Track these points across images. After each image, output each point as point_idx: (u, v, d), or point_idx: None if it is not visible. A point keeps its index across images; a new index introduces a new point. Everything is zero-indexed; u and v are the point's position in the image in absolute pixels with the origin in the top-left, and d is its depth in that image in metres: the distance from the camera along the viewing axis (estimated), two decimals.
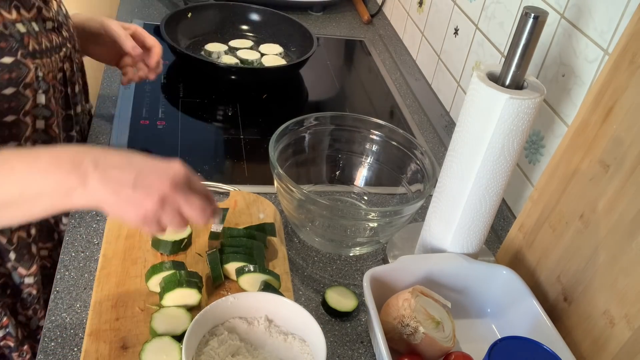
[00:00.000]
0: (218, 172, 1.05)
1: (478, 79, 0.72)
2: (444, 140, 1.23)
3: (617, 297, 0.69)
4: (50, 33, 0.84)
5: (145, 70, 1.04)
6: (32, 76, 0.79)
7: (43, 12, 0.82)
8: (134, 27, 1.04)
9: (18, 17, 0.77)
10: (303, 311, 0.72)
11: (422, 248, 0.88)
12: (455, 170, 0.78)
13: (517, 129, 0.72)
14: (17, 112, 0.79)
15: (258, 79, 1.32)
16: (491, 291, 0.82)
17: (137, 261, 0.82)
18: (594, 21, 0.83)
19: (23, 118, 0.81)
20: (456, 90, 1.28)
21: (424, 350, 0.72)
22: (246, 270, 0.78)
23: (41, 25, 0.82)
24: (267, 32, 1.48)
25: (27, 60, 0.78)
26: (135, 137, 1.09)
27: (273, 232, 0.87)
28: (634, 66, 0.68)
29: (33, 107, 0.82)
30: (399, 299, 0.74)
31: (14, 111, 0.79)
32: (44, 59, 0.81)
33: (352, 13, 1.79)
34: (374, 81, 1.45)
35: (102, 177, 0.60)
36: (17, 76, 0.77)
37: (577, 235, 0.76)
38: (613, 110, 0.71)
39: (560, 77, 0.90)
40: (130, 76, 1.03)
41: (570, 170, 0.77)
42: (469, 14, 1.22)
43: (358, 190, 1.02)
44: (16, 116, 0.79)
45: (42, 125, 0.85)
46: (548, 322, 0.75)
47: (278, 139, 0.90)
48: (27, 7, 0.79)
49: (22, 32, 0.77)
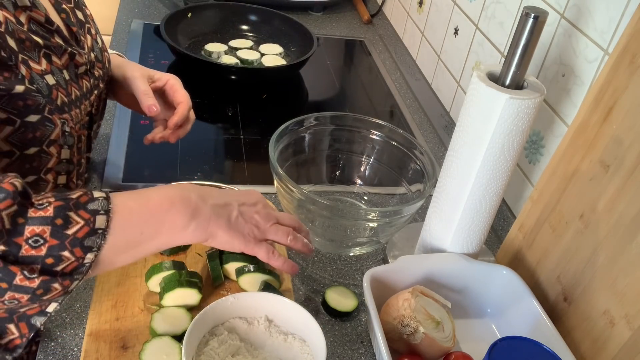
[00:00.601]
0: (218, 172, 1.05)
1: (478, 79, 0.72)
2: (444, 140, 1.23)
3: (617, 297, 0.69)
4: (81, 78, 0.75)
5: (167, 133, 0.89)
6: (58, 133, 0.70)
7: (76, 58, 0.72)
8: (166, 79, 0.91)
9: (48, 67, 0.68)
10: (303, 311, 0.71)
11: (422, 248, 0.88)
12: (455, 170, 0.78)
13: (517, 129, 0.72)
14: (37, 171, 0.70)
15: (258, 79, 1.32)
16: (491, 291, 0.82)
17: (137, 261, 0.82)
18: (594, 21, 0.83)
19: (44, 176, 0.72)
20: (456, 90, 1.28)
21: (424, 350, 0.72)
22: (246, 270, 0.78)
23: (72, 72, 0.72)
24: (267, 32, 1.48)
25: (54, 117, 0.68)
26: (135, 137, 1.09)
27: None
28: (634, 66, 0.68)
29: (57, 164, 0.72)
30: (399, 299, 0.74)
31: (35, 171, 0.70)
32: (72, 111, 0.72)
33: (352, 13, 1.79)
34: (374, 81, 1.45)
35: (212, 210, 0.66)
36: (42, 135, 0.68)
37: (577, 236, 0.76)
38: (613, 110, 0.71)
39: (560, 77, 0.90)
40: (152, 135, 0.89)
41: (570, 170, 0.77)
42: (469, 14, 1.22)
43: (358, 190, 1.02)
44: (36, 176, 0.70)
45: (63, 180, 0.76)
46: (548, 322, 0.75)
47: (278, 139, 0.90)
48: (58, 53, 0.69)
49: (51, 84, 0.68)
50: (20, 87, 0.63)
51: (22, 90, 0.63)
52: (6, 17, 0.62)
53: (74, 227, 0.56)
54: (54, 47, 0.69)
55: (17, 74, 0.63)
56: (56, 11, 0.73)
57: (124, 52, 1.34)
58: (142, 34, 1.44)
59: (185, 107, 0.89)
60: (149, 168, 1.03)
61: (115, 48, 1.36)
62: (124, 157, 1.03)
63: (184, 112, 0.89)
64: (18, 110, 0.64)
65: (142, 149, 1.06)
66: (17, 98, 0.63)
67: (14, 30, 0.63)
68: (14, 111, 0.64)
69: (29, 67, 0.65)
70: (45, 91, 0.67)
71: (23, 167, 0.68)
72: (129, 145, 1.06)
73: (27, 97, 0.64)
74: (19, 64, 0.63)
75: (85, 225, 0.56)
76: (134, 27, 1.46)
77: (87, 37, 0.78)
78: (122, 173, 0.99)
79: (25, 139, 0.66)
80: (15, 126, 0.64)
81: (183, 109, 0.88)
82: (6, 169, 0.66)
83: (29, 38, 0.65)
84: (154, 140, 0.89)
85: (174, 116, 0.88)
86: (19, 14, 0.65)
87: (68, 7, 0.76)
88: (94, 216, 0.57)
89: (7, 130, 0.64)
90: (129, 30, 1.45)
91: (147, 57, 1.35)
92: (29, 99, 0.64)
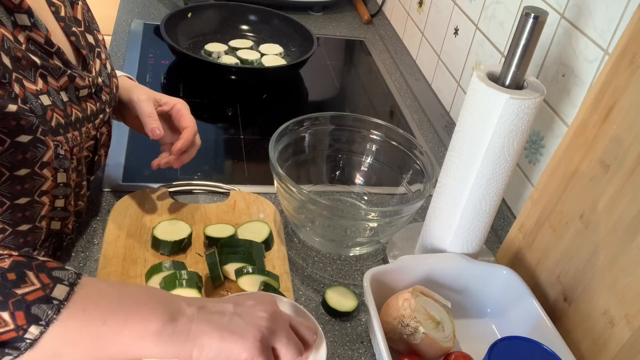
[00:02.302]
0: (218, 172, 1.05)
1: (478, 79, 0.72)
2: (444, 140, 1.23)
3: (617, 297, 0.69)
4: (84, 101, 0.73)
5: (172, 158, 0.87)
6: (51, 155, 0.67)
7: (76, 80, 0.70)
8: (172, 103, 0.89)
9: (44, 87, 0.65)
10: (303, 311, 0.71)
11: (422, 248, 0.88)
12: (455, 170, 0.78)
13: (517, 129, 0.72)
14: (30, 194, 0.67)
15: (258, 79, 1.32)
16: (491, 291, 0.82)
17: (137, 261, 0.82)
18: (594, 21, 0.83)
19: (38, 199, 0.69)
20: (456, 90, 1.28)
21: (424, 350, 0.72)
22: (245, 272, 0.78)
23: (73, 94, 0.70)
24: (267, 32, 1.48)
25: (47, 138, 0.65)
26: (136, 137, 1.09)
27: None
28: (634, 66, 0.68)
29: (52, 188, 0.70)
30: (399, 299, 0.74)
31: (27, 193, 0.67)
32: (69, 132, 0.69)
33: (352, 13, 1.79)
34: (374, 81, 1.45)
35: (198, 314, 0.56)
36: (32, 156, 0.65)
37: (577, 236, 0.76)
38: (613, 110, 0.71)
39: (560, 77, 0.90)
40: (158, 160, 0.88)
41: (570, 170, 0.77)
42: (469, 14, 1.22)
43: (358, 190, 1.02)
44: (30, 198, 0.68)
45: (61, 204, 0.74)
46: (548, 322, 0.75)
47: (278, 139, 0.90)
48: (55, 74, 0.67)
49: (46, 104, 0.65)
50: (12, 107, 0.60)
51: (14, 109, 0.61)
52: (3, 35, 0.60)
53: (27, 287, 0.48)
54: (52, 68, 0.67)
55: (11, 92, 0.60)
56: (65, 34, 0.73)
57: (124, 52, 1.34)
58: (142, 34, 1.44)
59: (191, 133, 0.87)
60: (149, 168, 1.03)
61: (115, 48, 1.36)
62: (124, 157, 1.03)
63: (189, 137, 0.87)
64: (9, 129, 0.61)
65: (142, 149, 1.06)
66: (9, 117, 0.61)
67: (10, 48, 0.61)
68: (5, 130, 0.61)
69: (22, 86, 0.62)
70: (39, 111, 0.64)
71: (14, 188, 0.65)
72: (129, 145, 1.06)
73: (20, 117, 0.61)
74: (12, 82, 0.61)
75: (40, 290, 0.48)
76: (134, 27, 1.46)
77: (96, 61, 0.77)
78: (122, 173, 0.99)
79: (15, 160, 0.63)
80: (4, 146, 0.61)
81: (188, 134, 0.87)
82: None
83: (26, 57, 0.63)
84: (159, 165, 0.88)
85: (178, 142, 0.86)
86: (17, 32, 0.63)
87: (78, 30, 0.75)
88: (55, 283, 0.49)
89: None
90: (129, 30, 1.45)
91: (147, 57, 1.35)
92: (22, 118, 0.62)
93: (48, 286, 0.48)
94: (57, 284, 0.49)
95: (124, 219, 0.88)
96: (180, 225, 0.86)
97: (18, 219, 0.68)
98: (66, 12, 0.74)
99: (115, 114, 0.91)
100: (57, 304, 0.48)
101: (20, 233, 0.69)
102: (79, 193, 0.78)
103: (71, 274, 0.51)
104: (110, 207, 0.91)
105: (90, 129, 0.75)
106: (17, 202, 0.66)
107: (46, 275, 0.49)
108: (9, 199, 0.65)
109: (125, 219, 0.88)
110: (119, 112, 0.90)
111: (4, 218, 0.66)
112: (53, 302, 0.48)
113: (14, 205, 0.66)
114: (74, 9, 0.77)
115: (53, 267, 0.50)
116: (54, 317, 0.48)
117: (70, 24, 0.74)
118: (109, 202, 0.93)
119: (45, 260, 0.51)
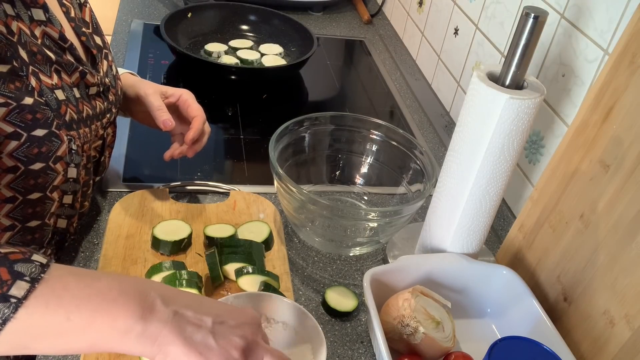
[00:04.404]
0: (218, 172, 1.05)
1: (478, 79, 0.72)
2: (444, 140, 1.23)
3: (617, 297, 0.69)
4: (94, 99, 0.74)
5: (185, 148, 0.89)
6: (65, 149, 0.68)
7: (87, 77, 0.72)
8: (178, 94, 0.91)
9: (59, 82, 0.67)
10: (303, 311, 0.72)
11: (422, 248, 0.88)
12: (455, 170, 0.78)
13: (517, 129, 0.72)
14: (43, 189, 0.68)
15: (258, 79, 1.32)
16: (491, 291, 0.82)
17: (137, 261, 0.82)
18: (594, 21, 0.83)
19: (50, 194, 0.69)
20: (456, 90, 1.28)
21: (424, 350, 0.72)
22: (245, 272, 0.78)
23: (83, 91, 0.72)
24: (267, 32, 1.48)
25: (62, 132, 0.66)
26: (136, 137, 1.09)
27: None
28: (634, 66, 0.68)
29: (63, 182, 0.71)
30: (399, 299, 0.74)
31: (40, 188, 0.67)
32: (81, 128, 0.71)
33: (352, 13, 1.79)
34: (374, 81, 1.45)
35: (172, 316, 0.53)
36: (48, 150, 0.65)
37: (577, 235, 0.76)
38: (613, 110, 0.71)
39: (560, 77, 0.90)
40: (171, 151, 0.90)
41: (570, 170, 0.77)
42: (469, 14, 1.22)
43: (358, 190, 1.02)
44: (42, 193, 0.68)
45: (69, 201, 0.74)
46: (548, 322, 0.75)
47: (278, 139, 0.90)
48: (68, 70, 0.69)
49: (61, 99, 0.67)
50: (29, 99, 0.62)
51: (31, 102, 0.62)
52: (20, 29, 0.62)
53: None
54: (65, 63, 0.68)
55: (28, 85, 0.62)
56: (76, 34, 0.74)
57: (124, 52, 1.34)
58: (142, 34, 1.44)
59: (200, 121, 0.88)
60: (149, 168, 1.03)
61: (115, 48, 1.36)
62: (124, 157, 1.03)
63: (199, 126, 0.88)
64: (26, 123, 0.62)
65: (142, 149, 1.06)
66: (26, 110, 0.62)
67: (26, 42, 0.63)
68: (22, 124, 0.62)
69: (39, 80, 0.63)
70: (54, 105, 0.65)
71: (28, 183, 0.65)
72: (129, 146, 1.06)
73: (36, 110, 0.63)
74: (29, 75, 0.62)
75: None
76: (134, 27, 1.46)
77: (103, 62, 0.79)
78: (122, 173, 1.00)
79: (31, 154, 0.64)
80: (20, 140, 0.62)
81: (198, 122, 0.88)
82: (11, 185, 0.64)
83: (41, 52, 0.65)
84: (173, 156, 0.89)
85: (190, 131, 0.87)
86: (34, 27, 0.65)
87: (87, 31, 0.77)
88: (15, 280, 0.48)
89: (13, 145, 0.62)
90: (129, 30, 1.45)
91: (147, 57, 1.35)
92: (38, 112, 0.63)
93: (6, 283, 0.47)
94: (16, 280, 0.48)
95: (124, 219, 0.88)
96: (180, 225, 0.86)
97: (28, 215, 0.68)
98: (75, 13, 0.76)
99: (123, 110, 0.92)
100: (14, 303, 0.47)
101: (28, 229, 0.69)
102: (86, 192, 0.79)
103: (35, 267, 0.49)
104: (111, 207, 0.91)
105: (98, 127, 0.76)
106: (29, 197, 0.67)
107: (6, 270, 0.48)
108: (21, 194, 0.66)
109: (125, 219, 0.88)
110: (127, 108, 0.92)
111: (14, 214, 0.67)
112: (9, 301, 0.47)
113: (25, 200, 0.67)
114: (82, 11, 0.78)
115: (16, 260, 0.49)
116: (10, 316, 0.47)
117: (80, 24, 0.75)
118: (109, 202, 0.93)
119: (9, 251, 0.50)
